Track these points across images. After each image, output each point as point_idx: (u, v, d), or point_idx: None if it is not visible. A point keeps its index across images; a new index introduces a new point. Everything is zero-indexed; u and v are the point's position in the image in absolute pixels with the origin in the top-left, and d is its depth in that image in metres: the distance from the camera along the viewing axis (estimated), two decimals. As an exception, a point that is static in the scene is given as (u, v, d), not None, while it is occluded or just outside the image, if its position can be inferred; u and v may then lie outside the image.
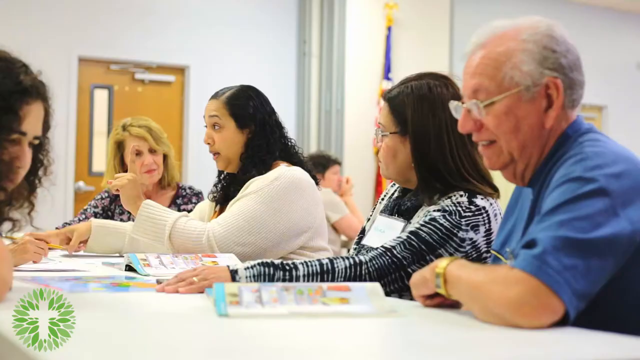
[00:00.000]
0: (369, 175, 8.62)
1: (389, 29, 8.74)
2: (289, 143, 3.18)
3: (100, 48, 8.02)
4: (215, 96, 3.16)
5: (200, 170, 7.80)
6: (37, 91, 2.01)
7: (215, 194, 3.26)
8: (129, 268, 2.66)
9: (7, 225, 2.08)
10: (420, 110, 2.43)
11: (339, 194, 6.95)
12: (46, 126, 2.11)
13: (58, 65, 7.48)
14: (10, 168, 1.97)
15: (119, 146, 4.09)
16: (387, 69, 8.68)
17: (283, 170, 2.99)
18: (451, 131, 2.39)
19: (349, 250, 6.74)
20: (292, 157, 3.15)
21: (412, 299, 2.05)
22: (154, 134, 4.04)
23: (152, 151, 4.02)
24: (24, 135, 1.99)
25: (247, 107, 3.09)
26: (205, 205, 3.35)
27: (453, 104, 1.95)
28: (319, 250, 3.06)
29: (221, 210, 3.22)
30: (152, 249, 2.94)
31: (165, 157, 4.10)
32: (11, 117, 1.94)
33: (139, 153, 3.98)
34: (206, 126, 3.15)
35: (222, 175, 3.26)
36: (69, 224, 3.98)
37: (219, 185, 3.26)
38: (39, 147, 2.11)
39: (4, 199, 2.02)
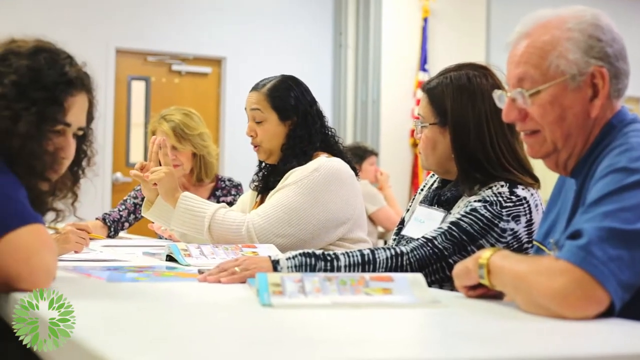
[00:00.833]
0: (405, 166, 8.60)
1: (425, 20, 8.70)
2: (329, 133, 3.17)
3: (137, 40, 8.06)
4: (255, 88, 3.15)
5: (237, 162, 7.82)
6: (81, 82, 2.03)
7: (256, 183, 3.26)
8: (170, 258, 2.67)
9: (50, 215, 2.10)
10: (459, 101, 2.42)
11: (378, 186, 6.94)
12: (90, 117, 2.13)
13: (96, 57, 7.51)
14: (55, 159, 2.00)
15: (153, 135, 4.14)
16: (423, 60, 8.65)
17: (323, 161, 2.99)
18: (491, 121, 2.38)
19: (385, 242, 6.75)
20: (332, 147, 3.14)
21: (452, 289, 2.04)
22: (179, 132, 4.06)
23: (175, 148, 4.04)
24: (68, 127, 2.01)
25: (288, 99, 3.09)
26: (247, 196, 3.36)
27: (497, 93, 1.94)
28: (358, 242, 3.05)
29: (262, 200, 3.22)
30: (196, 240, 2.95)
31: (198, 154, 4.12)
32: (56, 108, 1.96)
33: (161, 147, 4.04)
34: (248, 119, 3.15)
35: (263, 165, 3.26)
36: (109, 215, 4.02)
37: (260, 174, 3.26)
38: (83, 138, 2.13)
39: (48, 190, 2.04)
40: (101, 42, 7.79)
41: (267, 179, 3.21)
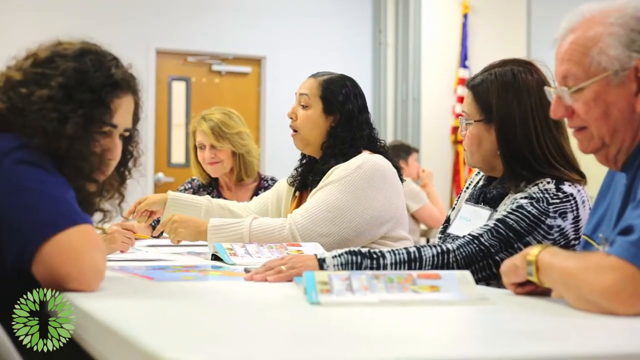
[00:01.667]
0: (447, 164, 8.57)
1: (465, 16, 8.66)
2: (379, 143, 3.15)
3: (177, 40, 8.11)
4: (313, 75, 3.17)
5: (278, 161, 7.84)
6: (127, 84, 2.05)
7: (294, 179, 3.26)
8: (215, 257, 2.68)
9: (98, 215, 2.12)
10: (504, 97, 2.40)
11: (420, 184, 6.92)
12: (136, 118, 2.15)
13: (136, 58, 7.47)
14: (102, 160, 2.01)
15: (194, 134, 4.24)
16: (464, 57, 8.61)
17: (366, 158, 2.98)
18: (536, 117, 2.36)
19: (428, 240, 6.73)
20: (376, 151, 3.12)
21: (499, 287, 2.03)
22: (217, 130, 4.11)
23: (213, 147, 4.10)
24: (115, 128, 2.03)
25: (338, 94, 3.09)
26: (282, 186, 3.35)
27: (548, 90, 1.93)
28: (401, 240, 3.04)
29: (299, 197, 3.23)
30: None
31: (237, 153, 4.15)
32: (103, 110, 1.98)
33: (202, 147, 4.12)
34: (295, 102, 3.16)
35: (304, 161, 3.26)
36: (153, 215, 4.05)
37: (300, 170, 3.26)
38: (129, 139, 2.15)
39: (96, 191, 2.06)
40: (142, 43, 7.84)
41: (306, 176, 3.21)
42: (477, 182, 2.64)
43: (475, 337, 1.48)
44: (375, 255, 2.20)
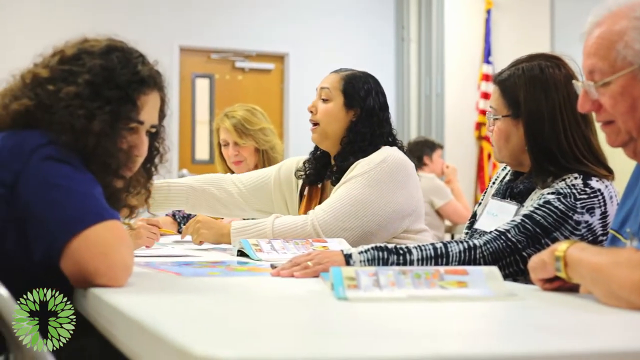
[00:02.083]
0: (470, 159, 8.55)
1: (489, 12, 8.64)
2: (397, 142, 3.14)
3: (201, 37, 8.13)
4: (336, 71, 3.17)
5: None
6: (153, 81, 2.05)
7: (303, 172, 3.25)
8: (241, 253, 2.68)
9: (124, 211, 2.13)
10: (532, 92, 2.39)
11: (445, 180, 6.91)
12: (162, 114, 2.15)
13: (160, 55, 7.52)
14: (129, 157, 2.02)
15: (217, 132, 4.26)
16: (487, 53, 8.59)
17: (389, 153, 2.98)
18: (564, 112, 2.35)
19: (452, 236, 6.72)
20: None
21: (526, 282, 2.03)
22: (240, 127, 4.12)
23: (237, 144, 4.10)
24: (141, 124, 2.04)
25: (359, 89, 3.08)
26: (290, 173, 3.33)
27: (576, 84, 1.92)
28: (421, 232, 3.04)
29: (310, 192, 3.22)
30: None
31: (260, 149, 4.16)
32: (130, 106, 1.99)
33: (225, 144, 4.12)
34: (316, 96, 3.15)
35: (317, 153, 3.24)
36: (179, 211, 4.07)
37: (312, 164, 3.24)
38: (155, 135, 2.16)
39: (123, 187, 2.06)
40: (165, 40, 7.87)
41: (319, 171, 3.21)
42: (504, 177, 2.63)
43: (504, 332, 1.47)
44: (401, 251, 2.20)
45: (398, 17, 8.85)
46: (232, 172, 4.24)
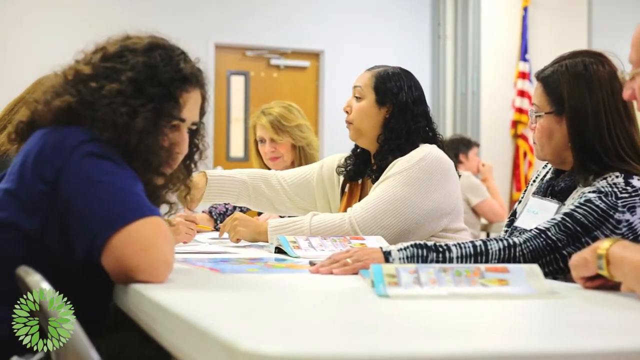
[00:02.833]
0: (506, 157, 8.52)
1: (525, 9, 8.60)
2: (437, 137, 3.13)
3: (236, 35, 8.15)
4: (369, 69, 3.16)
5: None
6: (195, 78, 2.07)
7: (343, 168, 3.25)
8: (279, 250, 2.68)
9: (164, 208, 2.14)
10: (576, 89, 2.37)
11: (480, 178, 6.88)
12: (202, 112, 2.16)
13: (195, 53, 7.59)
14: (170, 154, 2.03)
15: (254, 129, 4.28)
16: (524, 50, 8.55)
17: (428, 150, 2.97)
18: (609, 109, 2.33)
19: (488, 234, 6.69)
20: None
21: (566, 281, 2.01)
22: (276, 124, 4.14)
23: (273, 140, 4.11)
24: (183, 122, 2.05)
25: (391, 86, 3.07)
26: (331, 169, 3.35)
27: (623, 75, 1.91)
28: (460, 231, 3.03)
29: (350, 188, 3.22)
30: None
31: (297, 146, 4.17)
32: (172, 104, 2.00)
33: (262, 141, 4.15)
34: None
35: (357, 151, 3.24)
36: (215, 208, 4.08)
37: (352, 160, 3.24)
38: (196, 132, 2.17)
39: (163, 183, 2.08)
40: (200, 37, 7.90)
41: (359, 167, 3.20)
42: (545, 175, 2.61)
43: (546, 330, 1.46)
44: (441, 249, 2.19)
45: (434, 14, 8.82)
46: (269, 169, 4.26)
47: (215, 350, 1.19)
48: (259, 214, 3.95)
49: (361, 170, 3.20)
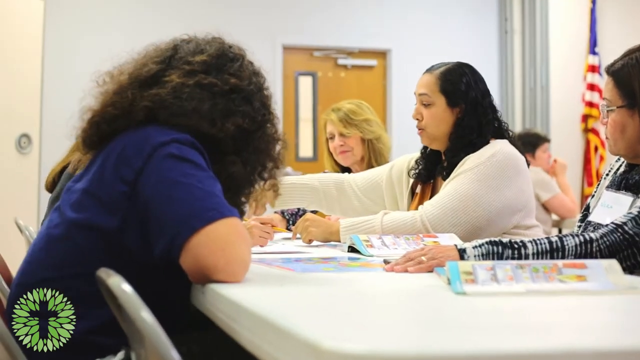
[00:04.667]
0: (577, 152, 8.42)
1: (594, 1, 8.48)
2: (503, 126, 3.11)
3: (303, 35, 8.18)
4: (429, 70, 3.13)
5: (405, 153, 7.81)
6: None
7: (416, 171, 3.25)
8: (352, 249, 2.69)
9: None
10: None
11: (550, 173, 6.81)
12: None
13: (263, 54, 7.67)
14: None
15: (325, 127, 4.33)
16: (593, 43, 8.43)
17: (499, 147, 2.95)
18: None
19: (560, 230, 6.61)
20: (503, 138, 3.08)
21: (645, 276, 1.99)
22: (344, 118, 4.18)
23: (342, 134, 4.14)
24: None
25: (459, 84, 3.05)
26: (402, 170, 3.36)
27: None
28: (532, 228, 3.00)
29: (422, 189, 3.22)
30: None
31: (365, 139, 4.19)
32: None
33: (332, 137, 4.20)
34: (416, 101, 3.13)
35: (427, 152, 3.24)
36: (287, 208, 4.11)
37: (423, 162, 3.24)
38: None
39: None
40: (268, 39, 7.95)
41: (430, 169, 3.20)
42: (618, 169, 2.58)
43: (628, 326, 1.45)
44: (516, 245, 2.17)
45: (501, 9, 8.75)
46: (340, 167, 4.28)
47: (298, 349, 1.20)
48: None
49: (432, 171, 3.20)
